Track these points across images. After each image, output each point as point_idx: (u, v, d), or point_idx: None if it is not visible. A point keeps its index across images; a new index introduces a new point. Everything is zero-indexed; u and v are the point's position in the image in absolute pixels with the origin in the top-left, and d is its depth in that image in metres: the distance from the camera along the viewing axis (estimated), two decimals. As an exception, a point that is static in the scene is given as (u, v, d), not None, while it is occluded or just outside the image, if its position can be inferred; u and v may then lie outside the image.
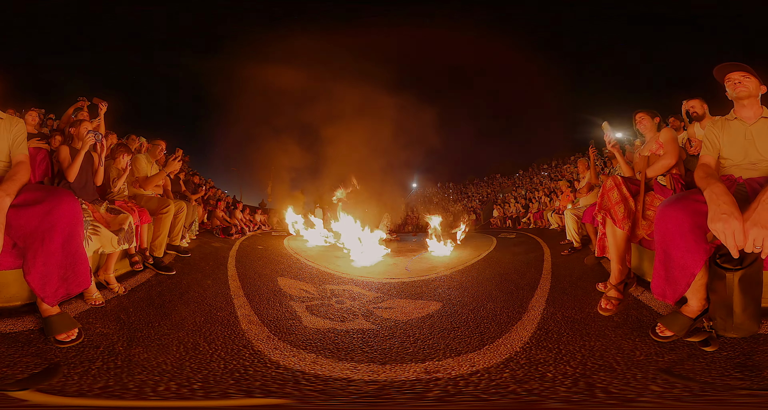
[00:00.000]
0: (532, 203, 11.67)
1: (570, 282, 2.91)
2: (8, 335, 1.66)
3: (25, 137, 1.89)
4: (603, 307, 2.03)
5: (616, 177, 2.12)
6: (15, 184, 1.59)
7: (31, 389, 1.24)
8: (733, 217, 1.27)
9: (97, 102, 3.48)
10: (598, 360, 1.54)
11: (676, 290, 1.49)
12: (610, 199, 2.08)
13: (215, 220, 7.31)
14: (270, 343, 1.84)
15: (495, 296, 2.72)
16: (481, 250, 5.48)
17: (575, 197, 5.44)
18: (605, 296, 2.07)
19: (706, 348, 1.51)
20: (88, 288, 2.08)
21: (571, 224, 4.32)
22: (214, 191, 9.65)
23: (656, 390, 1.27)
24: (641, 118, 2.57)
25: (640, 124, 2.58)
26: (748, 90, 1.77)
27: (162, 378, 1.40)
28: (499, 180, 23.65)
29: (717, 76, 1.88)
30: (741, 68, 1.78)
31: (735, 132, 1.82)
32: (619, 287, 2.09)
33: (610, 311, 2.00)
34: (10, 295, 1.94)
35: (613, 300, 2.04)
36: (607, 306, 2.02)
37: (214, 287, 2.82)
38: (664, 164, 2.26)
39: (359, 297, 2.82)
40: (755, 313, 1.41)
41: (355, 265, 4.26)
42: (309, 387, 1.42)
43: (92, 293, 2.13)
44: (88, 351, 1.58)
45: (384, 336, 2.00)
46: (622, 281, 2.10)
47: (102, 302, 2.13)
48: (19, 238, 1.54)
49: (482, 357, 1.68)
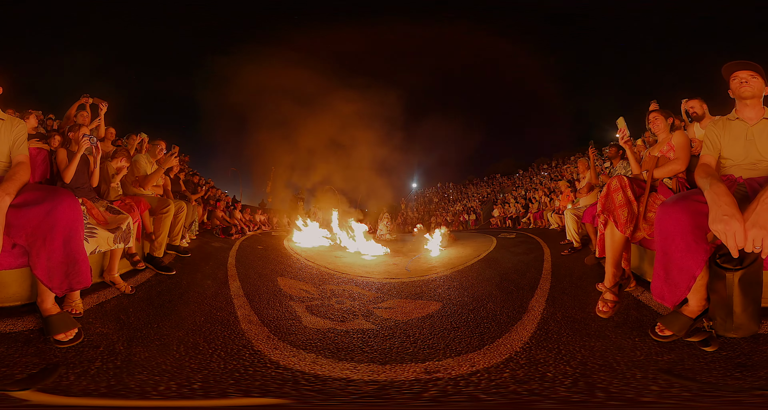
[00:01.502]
0: (532, 203, 11.67)
1: (570, 282, 2.91)
2: (8, 335, 1.66)
3: (26, 138, 1.90)
4: (600, 309, 2.03)
5: (622, 178, 2.06)
6: (15, 184, 1.59)
7: (31, 389, 1.24)
8: (734, 218, 1.27)
9: (98, 102, 3.48)
10: (598, 359, 1.54)
11: (675, 294, 1.48)
12: (614, 201, 2.03)
13: (215, 220, 7.31)
14: (270, 343, 1.84)
15: (495, 296, 2.72)
16: (481, 250, 5.48)
17: (575, 197, 5.43)
18: (601, 299, 2.07)
19: (706, 348, 1.51)
20: (71, 295, 1.94)
21: (571, 224, 4.31)
22: (214, 191, 9.65)
23: (656, 390, 1.27)
24: (655, 117, 2.54)
25: (653, 123, 2.55)
26: (753, 90, 1.76)
27: (162, 378, 1.40)
28: (499, 180, 23.65)
29: (724, 74, 1.85)
30: (750, 67, 1.76)
31: (736, 132, 1.81)
32: (614, 290, 2.08)
33: (607, 313, 2.00)
34: (10, 295, 1.94)
35: (609, 302, 2.03)
36: (604, 308, 2.02)
37: (214, 287, 2.82)
38: (674, 168, 2.25)
39: (359, 297, 2.82)
40: (755, 313, 1.40)
41: (365, 257, 4.42)
42: (308, 387, 1.42)
43: (74, 300, 1.96)
44: (88, 351, 1.58)
45: (384, 336, 2.00)
46: (616, 284, 2.09)
47: (132, 290, 2.32)
48: (20, 237, 1.54)
49: (482, 357, 1.68)
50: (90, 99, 3.45)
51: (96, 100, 3.46)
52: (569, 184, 7.07)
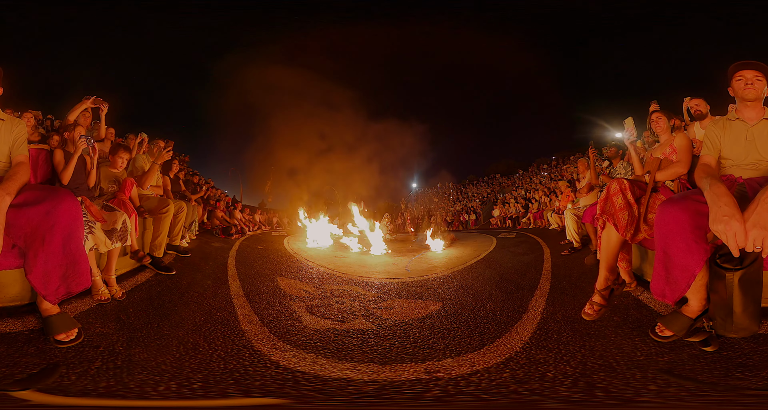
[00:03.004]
0: (532, 203, 11.67)
1: (570, 282, 2.91)
2: (8, 335, 1.66)
3: (26, 139, 1.90)
4: (585, 311, 1.99)
5: (622, 181, 2.04)
6: (15, 183, 1.59)
7: (31, 389, 1.24)
8: (734, 219, 1.27)
9: (98, 103, 3.47)
10: (598, 359, 1.54)
11: (676, 291, 1.48)
12: (614, 204, 2.01)
13: (215, 220, 7.31)
14: (270, 343, 1.84)
15: (495, 296, 2.72)
16: (481, 250, 5.48)
17: (575, 196, 5.44)
18: (590, 301, 2.04)
19: (706, 348, 1.51)
20: (96, 283, 2.19)
21: (571, 224, 4.31)
22: (214, 191, 9.65)
23: (656, 390, 1.27)
24: (658, 118, 2.53)
25: (655, 124, 2.54)
26: (756, 92, 1.75)
27: (162, 378, 1.40)
28: (499, 180, 23.64)
29: (729, 73, 1.83)
30: (758, 68, 1.75)
31: (736, 132, 1.81)
32: (604, 293, 2.03)
33: (591, 316, 1.96)
34: (10, 295, 1.94)
35: (595, 305, 1.99)
36: (589, 311, 1.98)
37: (214, 287, 2.82)
38: (676, 171, 2.25)
39: (359, 297, 2.82)
40: (755, 313, 1.40)
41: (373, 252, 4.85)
42: (308, 387, 1.42)
43: (99, 288, 2.21)
44: (88, 351, 1.58)
45: (384, 336, 2.00)
46: (607, 287, 2.06)
47: (108, 299, 2.22)
48: (19, 238, 1.54)
49: (482, 357, 1.68)
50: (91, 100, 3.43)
51: (96, 102, 3.45)
52: (569, 184, 7.07)
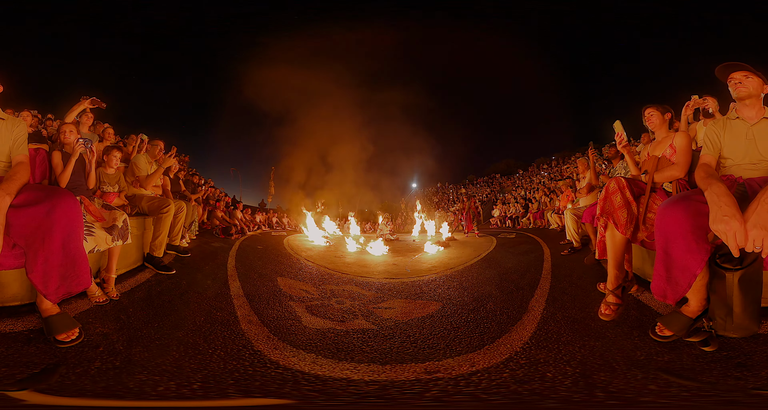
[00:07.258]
0: (532, 203, 11.67)
1: (570, 282, 2.90)
2: (8, 335, 1.66)
3: (26, 138, 1.90)
4: (603, 312, 2.01)
5: (620, 180, 2.03)
6: (15, 183, 1.59)
7: (31, 389, 1.24)
8: (734, 219, 1.27)
9: (96, 103, 3.47)
10: (598, 359, 1.54)
11: (677, 291, 1.49)
12: (613, 203, 2.01)
13: (215, 220, 7.31)
14: (270, 343, 1.84)
15: (495, 296, 2.72)
16: (481, 250, 5.48)
17: (575, 196, 5.43)
18: (604, 302, 2.05)
19: (706, 348, 1.51)
20: (90, 287, 2.14)
21: (571, 224, 4.31)
22: (213, 191, 9.65)
23: (656, 390, 1.27)
24: (650, 113, 2.36)
25: (648, 120, 2.38)
26: (748, 90, 1.76)
27: (162, 378, 1.40)
28: (499, 180, 23.65)
29: (720, 77, 1.86)
30: (742, 68, 1.77)
31: (736, 132, 1.81)
32: (617, 292, 2.06)
33: (609, 316, 1.98)
34: (10, 295, 1.94)
35: (612, 305, 2.01)
36: (607, 311, 2.00)
37: (214, 287, 2.82)
38: (673, 174, 2.18)
39: (359, 297, 2.82)
40: (755, 313, 1.40)
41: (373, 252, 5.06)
42: (309, 387, 1.42)
43: (94, 292, 2.18)
44: (88, 351, 1.58)
45: (384, 336, 1.99)
46: (619, 286, 2.07)
47: (106, 300, 2.19)
48: (19, 238, 1.54)
49: (482, 357, 1.68)
50: (89, 101, 3.43)
51: (95, 101, 3.45)
52: (569, 184, 7.07)
